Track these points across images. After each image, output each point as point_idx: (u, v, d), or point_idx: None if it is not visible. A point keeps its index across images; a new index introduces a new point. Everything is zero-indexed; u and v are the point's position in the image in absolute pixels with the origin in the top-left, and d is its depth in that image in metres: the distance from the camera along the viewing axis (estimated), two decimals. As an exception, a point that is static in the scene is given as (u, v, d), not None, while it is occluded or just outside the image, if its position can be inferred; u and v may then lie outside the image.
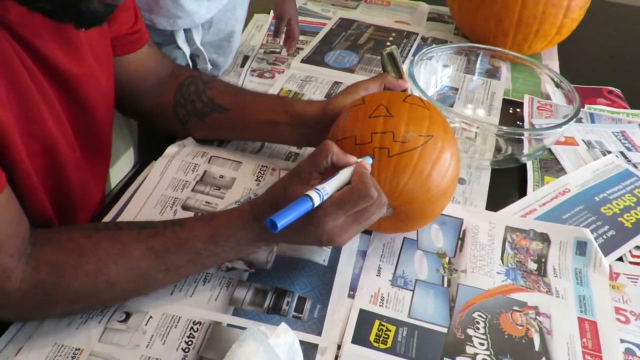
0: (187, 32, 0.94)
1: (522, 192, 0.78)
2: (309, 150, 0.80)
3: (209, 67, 0.98)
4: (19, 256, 0.51)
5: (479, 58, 1.00)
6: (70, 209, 0.64)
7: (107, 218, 0.68)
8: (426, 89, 0.90)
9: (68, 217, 0.64)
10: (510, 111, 0.95)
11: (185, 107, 0.76)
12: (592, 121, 0.95)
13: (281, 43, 1.07)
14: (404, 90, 0.72)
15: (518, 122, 0.92)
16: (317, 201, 0.51)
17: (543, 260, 0.67)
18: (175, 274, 0.57)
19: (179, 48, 0.93)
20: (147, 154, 0.79)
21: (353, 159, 0.56)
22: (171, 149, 0.78)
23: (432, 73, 0.95)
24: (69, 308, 0.55)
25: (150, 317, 0.57)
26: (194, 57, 0.99)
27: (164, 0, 0.86)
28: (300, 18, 1.16)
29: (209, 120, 0.76)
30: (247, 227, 0.56)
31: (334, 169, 0.55)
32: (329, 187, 0.53)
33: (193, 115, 0.76)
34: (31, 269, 0.51)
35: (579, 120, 0.94)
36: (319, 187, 0.52)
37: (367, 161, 0.57)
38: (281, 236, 0.56)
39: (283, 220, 0.48)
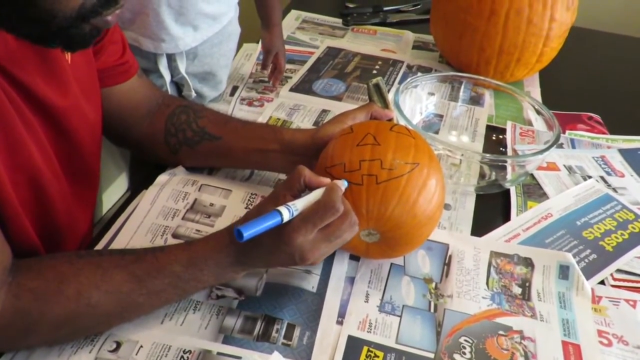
0: (172, 60, 0.96)
1: (506, 217, 0.80)
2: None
3: (193, 94, 1.00)
4: (0, 285, 0.51)
5: (463, 86, 1.03)
6: (57, 238, 0.65)
7: (99, 247, 0.68)
8: (412, 116, 0.92)
9: (55, 247, 0.64)
10: (494, 137, 0.97)
11: (176, 136, 0.78)
12: (573, 146, 0.98)
13: (267, 76, 1.09)
14: (390, 120, 0.75)
15: (501, 148, 0.95)
16: (286, 215, 0.51)
17: (527, 284, 0.69)
18: (157, 299, 0.57)
19: (161, 77, 0.95)
20: (139, 179, 0.80)
21: (327, 180, 0.57)
22: (162, 178, 0.79)
23: (418, 101, 0.97)
24: (52, 335, 0.55)
25: (141, 346, 0.57)
26: (179, 85, 1.01)
27: (149, 21, 0.89)
28: (289, 47, 1.19)
29: (199, 148, 0.77)
30: (223, 250, 0.57)
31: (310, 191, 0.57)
32: (300, 203, 0.53)
33: (184, 143, 0.78)
34: (12, 296, 0.51)
35: (560, 146, 0.97)
36: (290, 203, 0.53)
37: (342, 182, 0.58)
38: (256, 257, 0.57)
39: (250, 231, 0.48)
